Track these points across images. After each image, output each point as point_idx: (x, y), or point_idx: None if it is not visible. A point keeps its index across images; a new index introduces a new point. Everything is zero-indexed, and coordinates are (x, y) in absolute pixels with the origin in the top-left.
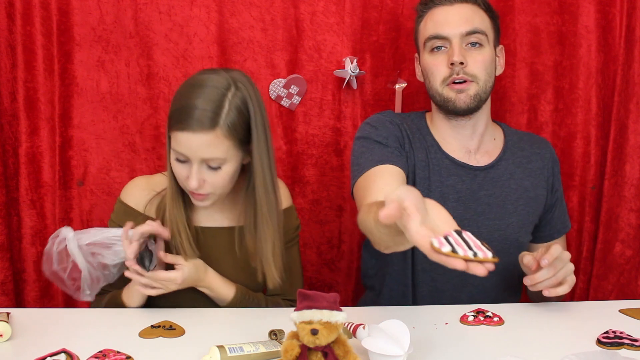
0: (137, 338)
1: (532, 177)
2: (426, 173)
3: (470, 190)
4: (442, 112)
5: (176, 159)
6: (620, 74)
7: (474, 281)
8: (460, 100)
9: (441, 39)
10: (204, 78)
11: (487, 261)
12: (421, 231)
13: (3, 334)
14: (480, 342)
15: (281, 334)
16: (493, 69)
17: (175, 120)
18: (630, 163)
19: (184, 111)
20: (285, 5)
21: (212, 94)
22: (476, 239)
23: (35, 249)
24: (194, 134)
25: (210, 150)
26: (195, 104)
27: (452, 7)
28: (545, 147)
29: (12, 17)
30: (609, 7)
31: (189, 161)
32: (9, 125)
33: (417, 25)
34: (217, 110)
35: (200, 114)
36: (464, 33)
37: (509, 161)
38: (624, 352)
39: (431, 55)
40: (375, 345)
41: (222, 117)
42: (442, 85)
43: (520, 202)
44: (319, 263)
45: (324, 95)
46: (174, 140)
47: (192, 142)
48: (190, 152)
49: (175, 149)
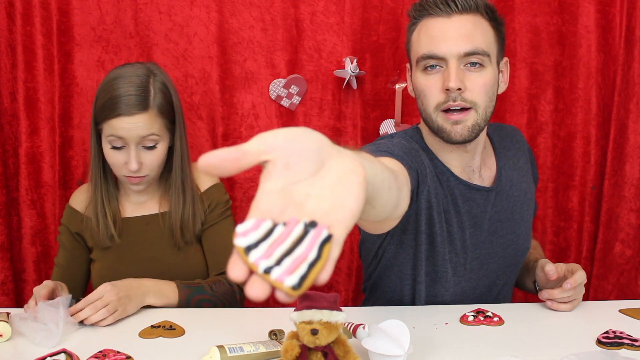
0: (137, 338)
1: (524, 176)
2: (443, 206)
3: (484, 212)
4: (438, 137)
5: (112, 147)
6: (620, 74)
7: (481, 288)
8: (456, 133)
9: (436, 59)
10: (122, 71)
11: (285, 291)
12: (264, 197)
13: (3, 334)
14: (480, 342)
15: (281, 334)
16: (495, 90)
17: (108, 110)
18: (630, 163)
19: (116, 100)
20: (285, 5)
21: (136, 81)
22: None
23: (35, 249)
24: (131, 117)
25: (147, 128)
26: (125, 92)
27: (449, 19)
28: (518, 136)
29: (12, 17)
30: (609, 7)
31: (126, 146)
32: (9, 125)
33: (410, 34)
34: (145, 94)
35: (132, 99)
36: (462, 54)
37: (505, 168)
38: (624, 352)
39: (424, 74)
40: (375, 345)
41: (150, 99)
42: (435, 112)
43: (524, 208)
44: None
45: (324, 95)
46: (110, 128)
47: (130, 124)
48: (129, 134)
49: (113, 135)
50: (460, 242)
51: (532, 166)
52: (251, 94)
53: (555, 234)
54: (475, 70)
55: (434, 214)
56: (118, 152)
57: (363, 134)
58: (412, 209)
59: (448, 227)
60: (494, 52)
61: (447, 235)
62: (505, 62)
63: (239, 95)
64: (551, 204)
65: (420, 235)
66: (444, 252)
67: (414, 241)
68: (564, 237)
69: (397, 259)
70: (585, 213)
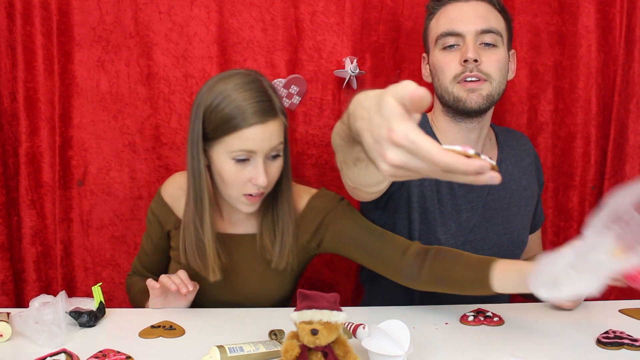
0: (137, 338)
1: (526, 175)
2: (435, 185)
3: (480, 197)
4: (450, 114)
5: (236, 161)
6: (620, 74)
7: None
8: (472, 100)
9: (455, 36)
10: (233, 80)
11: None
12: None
13: (3, 334)
14: (480, 342)
15: (281, 334)
16: (506, 71)
17: (234, 123)
18: (630, 163)
19: (241, 110)
20: (285, 5)
21: (255, 87)
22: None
23: (35, 249)
24: (264, 125)
25: (278, 136)
26: (249, 99)
27: (467, 3)
28: (527, 142)
29: (12, 17)
30: (609, 7)
31: (252, 158)
32: (9, 125)
33: (428, 22)
34: (269, 99)
35: (262, 105)
36: (479, 31)
37: (506, 162)
38: (624, 352)
39: (442, 52)
40: (375, 345)
41: (275, 103)
42: (452, 83)
43: (522, 203)
44: (319, 263)
45: (324, 95)
46: (237, 142)
47: (263, 133)
48: (261, 145)
49: (242, 150)
50: (455, 223)
51: (537, 171)
52: None
53: (555, 234)
54: (490, 49)
55: (426, 192)
56: (242, 165)
57: None
58: (404, 187)
59: (441, 208)
60: (506, 37)
61: (440, 215)
62: (512, 54)
63: None
64: (551, 204)
65: (413, 212)
66: (435, 231)
67: (406, 219)
68: (564, 237)
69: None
70: (585, 213)
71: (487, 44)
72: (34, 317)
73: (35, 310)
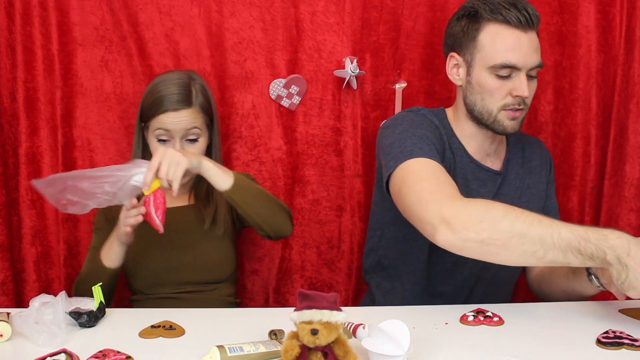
0: (137, 338)
1: (533, 175)
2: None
3: (490, 194)
4: (476, 122)
5: (158, 140)
6: (620, 74)
7: (486, 275)
8: (511, 127)
9: (510, 68)
10: (167, 76)
11: None
12: None
13: (3, 334)
14: (480, 342)
15: (281, 334)
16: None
17: (155, 108)
18: (630, 163)
19: (163, 99)
20: (285, 5)
21: (180, 83)
22: None
23: (35, 249)
24: (177, 112)
25: (191, 122)
26: (171, 91)
27: (525, 35)
28: (542, 147)
29: (11, 17)
30: (609, 7)
31: (171, 140)
32: (9, 125)
33: (474, 31)
34: (188, 93)
35: (177, 97)
36: (532, 67)
37: (513, 161)
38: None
39: (496, 79)
40: (375, 345)
41: (193, 97)
42: (499, 109)
43: (529, 203)
44: (319, 263)
45: (324, 95)
46: (157, 123)
47: (176, 118)
48: (175, 127)
49: (160, 128)
50: None
51: (549, 174)
52: (251, 94)
53: None
54: (532, 80)
55: None
56: (164, 145)
57: (363, 134)
58: None
59: None
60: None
61: None
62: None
63: (239, 95)
64: None
65: None
66: None
67: None
68: None
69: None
70: (585, 213)
71: (531, 76)
72: (34, 317)
73: (35, 310)
